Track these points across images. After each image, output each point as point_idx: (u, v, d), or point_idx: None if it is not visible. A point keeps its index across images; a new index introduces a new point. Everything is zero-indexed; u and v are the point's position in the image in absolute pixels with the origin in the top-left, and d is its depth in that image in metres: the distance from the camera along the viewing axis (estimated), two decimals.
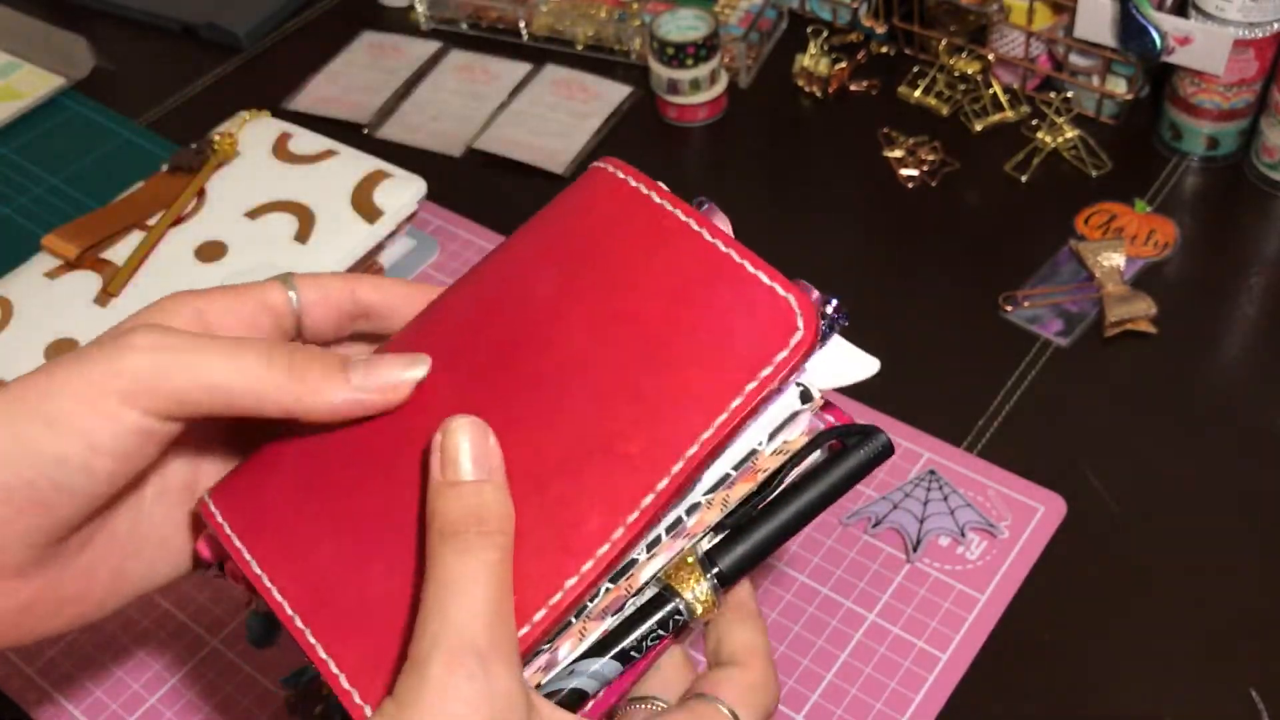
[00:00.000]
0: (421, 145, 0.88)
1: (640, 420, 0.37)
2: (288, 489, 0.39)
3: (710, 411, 0.36)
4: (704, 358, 0.37)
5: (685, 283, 0.38)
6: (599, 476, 0.36)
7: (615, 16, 0.94)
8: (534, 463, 0.37)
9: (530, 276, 0.40)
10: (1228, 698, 0.55)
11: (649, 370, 0.37)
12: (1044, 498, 0.63)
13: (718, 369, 0.37)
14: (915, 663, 0.57)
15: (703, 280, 0.38)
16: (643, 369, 0.37)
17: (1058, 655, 0.57)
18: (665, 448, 0.36)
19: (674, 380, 0.37)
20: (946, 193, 0.81)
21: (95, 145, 0.92)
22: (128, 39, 1.03)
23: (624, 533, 0.35)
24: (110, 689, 0.59)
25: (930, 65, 0.88)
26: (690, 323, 0.38)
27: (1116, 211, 0.77)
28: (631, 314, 0.38)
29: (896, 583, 0.60)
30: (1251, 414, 0.66)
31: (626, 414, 0.37)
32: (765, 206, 0.82)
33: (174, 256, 0.74)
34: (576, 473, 0.36)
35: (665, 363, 0.37)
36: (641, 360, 0.37)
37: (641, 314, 0.38)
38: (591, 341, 0.38)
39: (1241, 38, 0.73)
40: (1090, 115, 0.84)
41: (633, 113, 0.89)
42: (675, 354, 0.37)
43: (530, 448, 0.37)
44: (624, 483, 0.36)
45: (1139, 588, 0.59)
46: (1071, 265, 0.74)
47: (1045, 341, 0.71)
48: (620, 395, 0.37)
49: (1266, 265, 0.74)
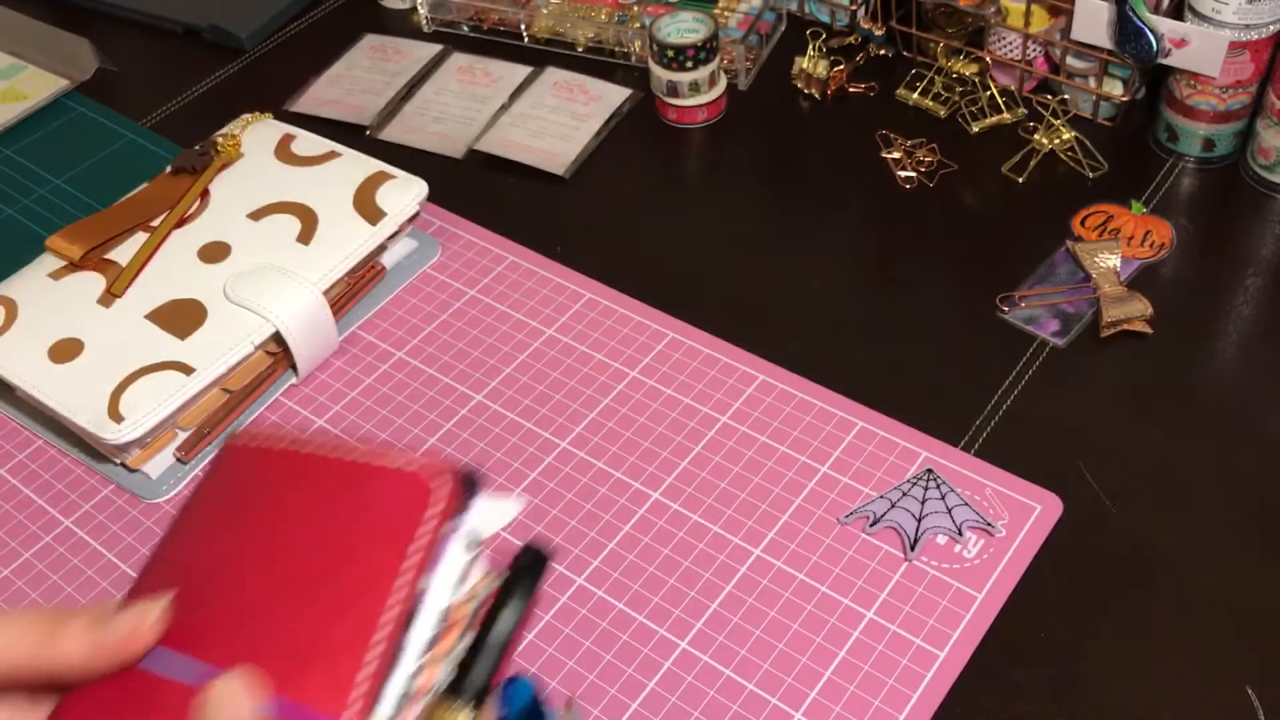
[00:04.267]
0: (423, 147, 0.89)
1: (326, 624, 0.41)
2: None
3: (381, 597, 0.41)
4: (360, 553, 0.42)
5: (324, 500, 0.44)
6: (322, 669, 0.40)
7: (615, 19, 0.95)
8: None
9: (213, 534, 0.45)
10: (1225, 696, 0.55)
11: (318, 575, 0.42)
12: (1041, 497, 0.63)
13: (375, 558, 0.41)
14: (913, 660, 0.57)
15: (336, 491, 0.44)
16: (317, 581, 0.42)
17: (1054, 653, 0.57)
18: (368, 615, 0.40)
19: (343, 582, 0.41)
20: (944, 194, 0.81)
21: (99, 147, 0.92)
22: (131, 41, 1.03)
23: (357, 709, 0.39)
24: None
25: (928, 67, 0.89)
26: (339, 529, 0.43)
27: (1113, 213, 0.77)
28: (290, 542, 0.43)
29: (894, 581, 0.60)
30: (1248, 413, 0.66)
31: (310, 615, 0.41)
32: (764, 208, 0.83)
33: (177, 257, 0.74)
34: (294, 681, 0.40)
35: (331, 570, 0.42)
36: (314, 574, 0.42)
37: (298, 538, 0.43)
38: (268, 574, 0.42)
39: (1237, 40, 0.74)
40: (1087, 117, 0.84)
41: (633, 115, 0.90)
42: (336, 560, 0.42)
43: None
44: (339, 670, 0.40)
45: (1135, 587, 0.60)
46: (1068, 266, 0.75)
47: (1042, 342, 0.71)
48: (304, 609, 0.41)
49: (1262, 266, 0.75)
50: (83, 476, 0.70)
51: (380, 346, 0.75)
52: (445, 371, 0.73)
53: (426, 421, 0.70)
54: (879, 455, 0.66)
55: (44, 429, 0.72)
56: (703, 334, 0.73)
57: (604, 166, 0.86)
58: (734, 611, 0.60)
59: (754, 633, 0.59)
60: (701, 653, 0.58)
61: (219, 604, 0.42)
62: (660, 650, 0.59)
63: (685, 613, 0.60)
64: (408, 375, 0.73)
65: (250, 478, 0.46)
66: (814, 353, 0.71)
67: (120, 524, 0.67)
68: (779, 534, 0.63)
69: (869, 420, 0.67)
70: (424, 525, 0.42)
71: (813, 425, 0.67)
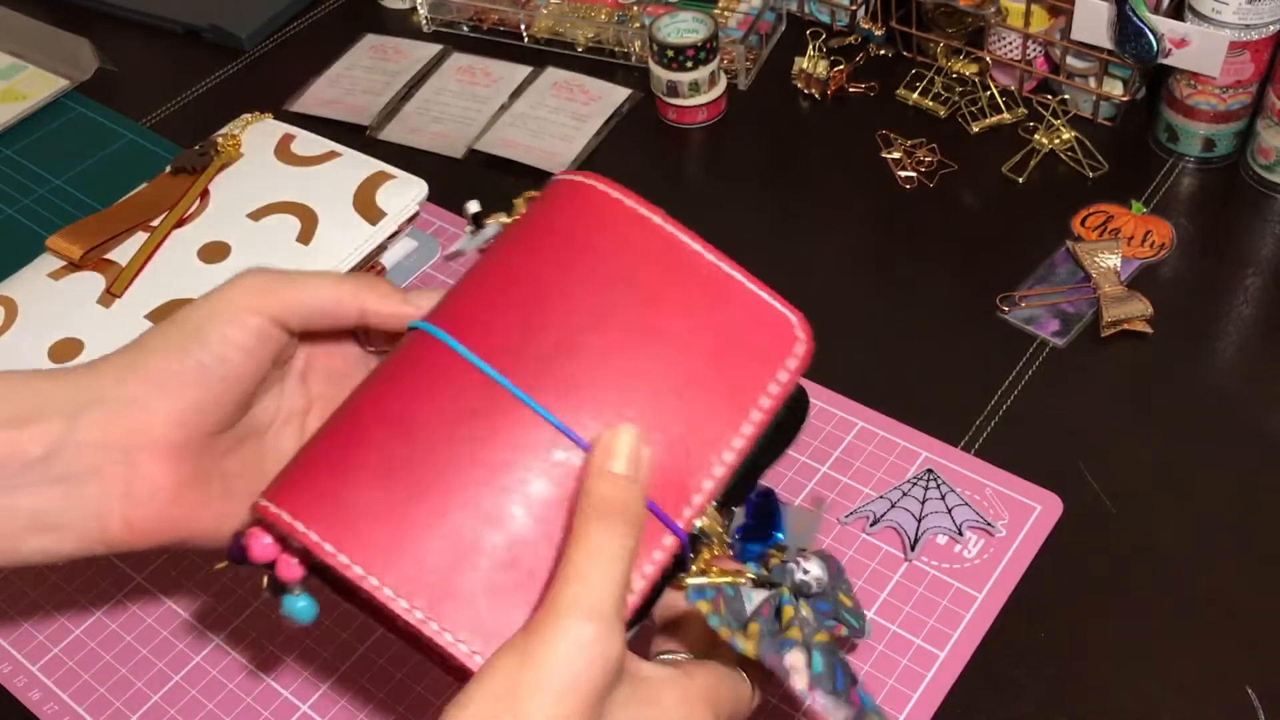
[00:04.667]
0: (423, 147, 0.89)
1: (685, 414, 0.43)
2: (365, 483, 0.41)
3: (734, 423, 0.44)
4: (720, 371, 0.44)
5: (693, 297, 0.45)
6: (670, 469, 0.43)
7: (615, 19, 0.95)
8: None
9: (563, 283, 0.45)
10: (1225, 697, 0.55)
11: (686, 377, 0.44)
12: (1041, 497, 0.63)
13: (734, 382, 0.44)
14: (913, 660, 0.57)
15: (706, 295, 0.45)
16: (680, 375, 0.44)
17: (1054, 653, 0.57)
18: (718, 433, 0.43)
19: (713, 383, 0.44)
20: (944, 194, 0.81)
21: (99, 147, 0.92)
22: (131, 41, 1.03)
23: (691, 513, 0.43)
24: (114, 687, 0.60)
25: (928, 67, 0.89)
26: (707, 337, 0.44)
27: (1113, 213, 0.77)
28: (661, 327, 0.44)
29: (894, 581, 0.60)
30: (1248, 413, 0.66)
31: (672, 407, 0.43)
32: (764, 208, 0.83)
33: (177, 257, 0.74)
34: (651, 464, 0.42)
35: (699, 370, 0.44)
36: (678, 366, 0.44)
37: (669, 329, 0.44)
38: (630, 351, 0.44)
39: (1237, 40, 0.74)
40: (1087, 117, 0.84)
41: (633, 114, 0.90)
42: (707, 364, 0.44)
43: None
44: (686, 465, 0.43)
45: (1135, 586, 0.60)
46: (1068, 266, 0.75)
47: (1042, 342, 0.71)
48: (665, 396, 0.43)
49: (1262, 266, 0.75)
50: None
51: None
52: None
53: None
54: (879, 455, 0.66)
55: None
56: None
57: (604, 166, 0.86)
58: None
59: None
60: None
61: (571, 359, 0.43)
62: None
63: None
64: None
65: (609, 234, 0.46)
66: (815, 353, 0.71)
67: None
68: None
69: (869, 420, 0.67)
70: (783, 370, 0.45)
71: (813, 425, 0.67)
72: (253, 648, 0.61)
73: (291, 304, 0.47)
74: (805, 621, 0.46)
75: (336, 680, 0.59)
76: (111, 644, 0.61)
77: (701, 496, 0.43)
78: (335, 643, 0.60)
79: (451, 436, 0.42)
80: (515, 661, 0.38)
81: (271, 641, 0.61)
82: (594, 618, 0.38)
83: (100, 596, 0.63)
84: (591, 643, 0.38)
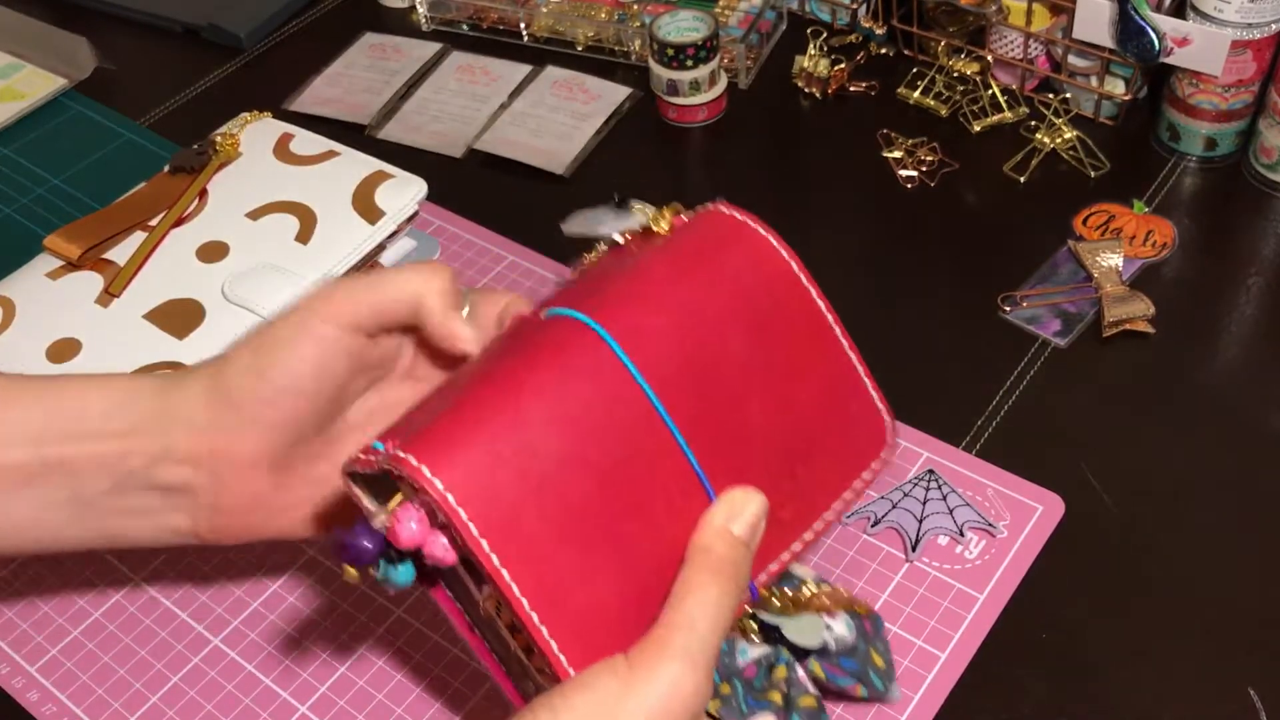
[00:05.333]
0: (422, 146, 0.88)
1: (793, 494, 0.46)
2: (517, 483, 0.40)
3: (823, 505, 0.47)
4: (836, 454, 0.47)
5: (832, 385, 0.47)
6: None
7: (615, 18, 0.95)
8: None
9: (722, 328, 0.45)
10: (1226, 697, 0.55)
11: (802, 456, 0.46)
12: (1042, 497, 0.63)
13: (830, 470, 0.47)
14: (914, 661, 0.57)
15: (842, 385, 0.48)
16: (798, 453, 0.46)
17: (1056, 654, 0.57)
18: (806, 518, 0.47)
19: (818, 468, 0.47)
20: (945, 193, 0.81)
21: (97, 146, 0.92)
22: (129, 40, 1.03)
23: (766, 578, 0.46)
24: (112, 688, 0.60)
25: (929, 66, 0.89)
26: (831, 424, 0.47)
27: (1115, 212, 0.77)
28: (795, 400, 0.46)
29: (896, 581, 0.60)
30: (1250, 413, 0.66)
31: (786, 488, 0.46)
32: (764, 207, 0.82)
33: (176, 257, 0.74)
34: None
35: (812, 453, 0.46)
36: (799, 443, 0.46)
37: (801, 403, 0.46)
38: (766, 416, 0.45)
39: (1239, 39, 0.73)
40: (1089, 116, 0.84)
41: (633, 113, 0.89)
42: (820, 448, 0.47)
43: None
44: (772, 541, 0.45)
45: (1137, 587, 0.59)
46: (1070, 266, 0.74)
47: (1044, 341, 0.71)
48: (783, 471, 0.46)
49: (1264, 265, 0.74)
50: None
51: None
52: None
53: None
54: None
55: None
56: None
57: (604, 165, 0.86)
58: None
59: None
60: None
61: (720, 409, 0.44)
62: None
63: None
64: None
65: (774, 292, 0.47)
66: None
67: None
68: None
69: None
70: (868, 470, 0.48)
71: None
72: (252, 648, 0.60)
73: (366, 308, 0.49)
74: (795, 683, 0.49)
75: (336, 680, 0.59)
76: (110, 645, 0.61)
77: (777, 567, 0.46)
78: (335, 643, 0.60)
79: (608, 454, 0.42)
80: (619, 686, 0.40)
81: (271, 642, 0.61)
82: (696, 668, 0.41)
83: (99, 597, 0.63)
84: (691, 690, 0.41)
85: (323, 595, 0.62)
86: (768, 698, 0.48)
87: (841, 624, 0.50)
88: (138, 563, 0.64)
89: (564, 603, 0.40)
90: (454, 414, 0.41)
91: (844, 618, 0.50)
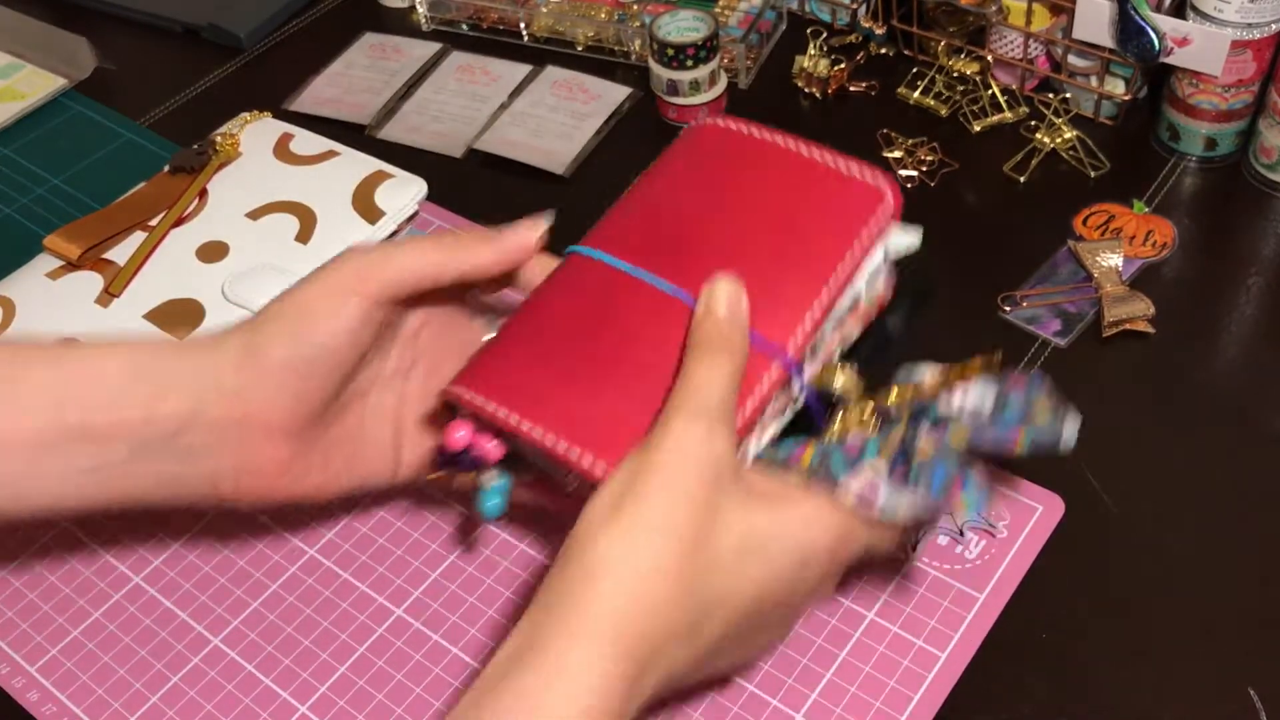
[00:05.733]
0: (422, 146, 0.88)
1: (790, 269, 0.51)
2: (519, 363, 0.51)
3: (828, 268, 0.51)
4: (815, 233, 0.52)
5: (788, 186, 0.53)
6: (772, 310, 0.50)
7: (615, 18, 0.95)
8: None
9: (680, 193, 0.55)
10: (1226, 697, 0.55)
11: (787, 243, 0.51)
12: (1042, 497, 0.63)
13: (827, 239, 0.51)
14: (914, 661, 0.57)
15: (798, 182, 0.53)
16: (782, 243, 0.51)
17: (1055, 654, 0.57)
18: (815, 282, 0.50)
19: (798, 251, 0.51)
20: (945, 193, 0.81)
21: (97, 146, 0.92)
22: (129, 40, 1.03)
23: (797, 343, 0.50)
24: (112, 688, 0.60)
25: (929, 66, 0.89)
26: (799, 211, 0.52)
27: (1115, 212, 0.77)
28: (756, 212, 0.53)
29: (895, 581, 0.60)
30: (1250, 413, 0.66)
31: (775, 269, 0.51)
32: None
33: (176, 257, 0.74)
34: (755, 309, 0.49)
35: (797, 237, 0.52)
36: (780, 236, 0.52)
37: (763, 211, 0.53)
38: (735, 233, 0.52)
39: (1239, 39, 0.73)
40: (1089, 116, 0.84)
41: (633, 113, 0.89)
42: (794, 234, 0.52)
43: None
44: (790, 311, 0.50)
45: (1137, 587, 0.59)
46: (1070, 266, 0.74)
47: (1044, 341, 0.71)
48: (771, 258, 0.51)
49: (1264, 265, 0.74)
50: None
51: None
52: None
53: None
54: None
55: None
56: None
57: (604, 165, 0.86)
58: None
59: None
60: None
61: (688, 245, 0.52)
62: None
63: None
64: None
65: (718, 154, 0.56)
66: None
67: (118, 524, 0.67)
68: None
69: None
70: (871, 225, 0.52)
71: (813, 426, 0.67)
72: (252, 648, 0.60)
73: (392, 280, 0.52)
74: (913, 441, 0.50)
75: (336, 681, 0.59)
76: (110, 645, 0.61)
77: (804, 335, 0.50)
78: (334, 643, 0.60)
79: (590, 315, 0.51)
80: (634, 463, 0.44)
81: (271, 642, 0.61)
82: (700, 416, 0.44)
83: (99, 597, 0.63)
84: (698, 438, 0.43)
85: (323, 595, 0.62)
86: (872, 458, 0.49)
87: (975, 393, 0.51)
88: (138, 563, 0.64)
89: (585, 429, 0.48)
90: (483, 349, 0.53)
91: (977, 385, 0.52)
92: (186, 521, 0.66)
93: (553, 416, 0.49)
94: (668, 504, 0.43)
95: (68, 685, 0.60)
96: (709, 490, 0.43)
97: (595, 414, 0.49)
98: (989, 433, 0.51)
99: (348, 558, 0.64)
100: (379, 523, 0.65)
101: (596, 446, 0.48)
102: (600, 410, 0.49)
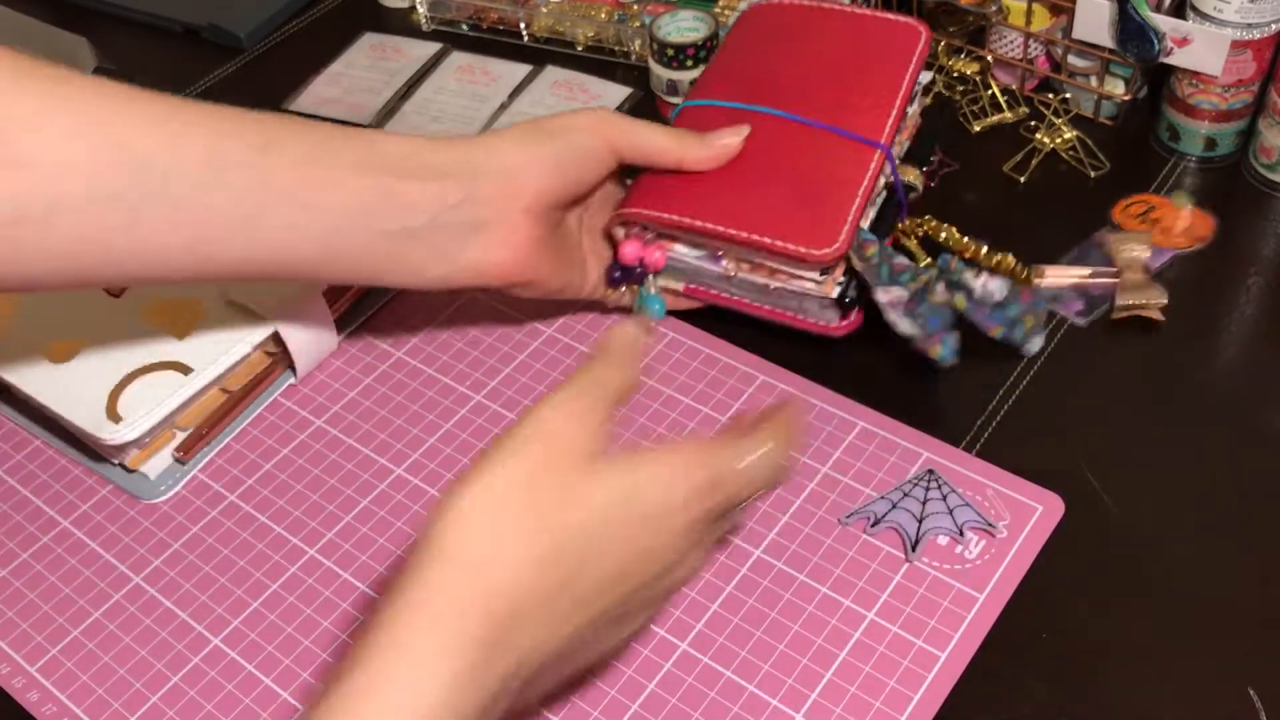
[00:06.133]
0: None
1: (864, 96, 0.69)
2: (670, 184, 0.66)
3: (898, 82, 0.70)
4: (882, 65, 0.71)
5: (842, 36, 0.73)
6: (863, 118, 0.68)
7: (615, 18, 0.95)
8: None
9: (758, 54, 0.73)
10: (1227, 697, 0.55)
11: (855, 78, 0.70)
12: (1042, 497, 0.63)
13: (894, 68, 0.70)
14: (914, 661, 0.57)
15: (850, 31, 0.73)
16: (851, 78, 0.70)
17: (1056, 654, 0.57)
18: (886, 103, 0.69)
19: (875, 77, 0.70)
20: (945, 193, 0.81)
21: None
22: (129, 40, 1.03)
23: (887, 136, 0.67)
24: (112, 688, 0.60)
25: (929, 66, 0.89)
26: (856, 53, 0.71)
27: (1155, 203, 0.77)
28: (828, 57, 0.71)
29: (895, 582, 0.60)
30: (1250, 414, 0.66)
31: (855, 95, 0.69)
32: None
33: None
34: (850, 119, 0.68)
35: (861, 74, 0.70)
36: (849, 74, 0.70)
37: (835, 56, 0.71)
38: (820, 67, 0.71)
39: (1239, 39, 0.73)
40: (1088, 116, 0.84)
41: (633, 113, 0.89)
42: (865, 71, 0.70)
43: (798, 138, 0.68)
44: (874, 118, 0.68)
45: (1137, 587, 0.59)
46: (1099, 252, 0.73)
47: (1061, 319, 0.71)
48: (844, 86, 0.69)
49: (1264, 265, 0.74)
50: (81, 477, 0.69)
51: (379, 346, 0.75)
52: (445, 371, 0.73)
53: (426, 422, 0.70)
54: (880, 456, 0.65)
55: (42, 429, 0.72)
56: (703, 334, 0.73)
57: None
58: (734, 613, 0.60)
59: (754, 634, 0.59)
60: (701, 654, 0.58)
61: (781, 85, 0.70)
62: (660, 651, 0.59)
63: (685, 614, 0.60)
64: (407, 375, 0.73)
65: (780, 22, 0.74)
66: (815, 353, 0.71)
67: (119, 524, 0.67)
68: (779, 535, 0.62)
69: (870, 421, 0.67)
70: (919, 51, 0.71)
71: (813, 426, 0.67)
72: (252, 648, 0.60)
73: (629, 138, 0.64)
74: (936, 289, 0.63)
75: None
76: (110, 644, 0.61)
77: (890, 124, 0.67)
78: (334, 643, 0.60)
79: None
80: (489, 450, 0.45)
81: (271, 642, 0.61)
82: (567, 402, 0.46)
83: (99, 597, 0.63)
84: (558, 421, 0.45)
85: (323, 595, 0.62)
86: (904, 285, 0.63)
87: (998, 286, 0.62)
88: (138, 563, 0.64)
89: (746, 217, 0.63)
90: (636, 183, 0.68)
91: (1002, 280, 0.62)
92: (186, 522, 0.66)
93: (713, 212, 0.64)
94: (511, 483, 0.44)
95: (68, 685, 0.60)
96: (556, 469, 0.44)
97: (749, 206, 0.63)
98: (981, 313, 0.62)
99: (348, 558, 0.64)
100: (379, 523, 0.65)
101: (760, 227, 0.62)
102: (752, 204, 0.63)
